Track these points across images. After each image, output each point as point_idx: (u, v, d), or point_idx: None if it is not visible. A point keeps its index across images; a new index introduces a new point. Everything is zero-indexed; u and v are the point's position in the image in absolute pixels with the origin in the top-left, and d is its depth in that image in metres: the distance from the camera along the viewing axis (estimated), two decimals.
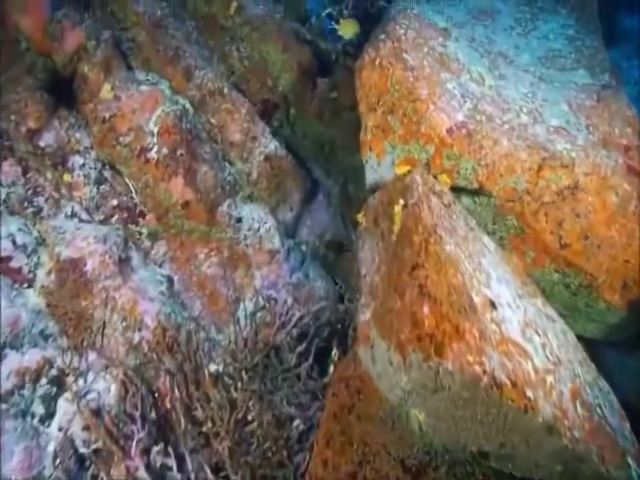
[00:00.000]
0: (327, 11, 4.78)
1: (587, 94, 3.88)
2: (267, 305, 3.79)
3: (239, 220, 3.94)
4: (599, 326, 3.40)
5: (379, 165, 3.34)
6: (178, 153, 3.55)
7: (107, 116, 3.52)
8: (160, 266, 3.64)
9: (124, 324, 3.10)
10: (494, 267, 3.10)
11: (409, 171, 3.33)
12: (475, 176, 3.19)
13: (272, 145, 4.15)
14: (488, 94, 3.61)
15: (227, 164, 4.00)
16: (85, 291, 3.10)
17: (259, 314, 3.75)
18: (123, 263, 3.29)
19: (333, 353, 3.62)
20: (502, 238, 3.61)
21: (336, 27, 4.62)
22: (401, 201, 2.73)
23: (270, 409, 3.01)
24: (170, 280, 3.57)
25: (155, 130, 3.56)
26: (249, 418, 3.03)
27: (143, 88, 3.67)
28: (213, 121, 4.02)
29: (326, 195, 4.89)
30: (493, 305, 2.61)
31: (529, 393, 2.11)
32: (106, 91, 3.52)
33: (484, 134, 3.25)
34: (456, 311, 2.33)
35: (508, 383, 2.11)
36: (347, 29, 4.73)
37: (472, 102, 3.44)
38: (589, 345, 3.05)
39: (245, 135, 4.06)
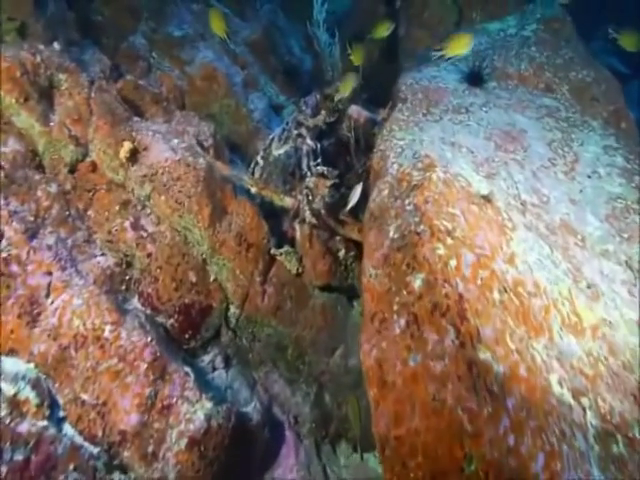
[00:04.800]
0: (281, 150, 2.82)
1: None
2: None
3: None
4: None
5: None
6: None
7: None
8: None
9: None
10: None
11: None
12: None
13: (200, 413, 2.16)
14: (600, 360, 1.80)
15: (118, 477, 1.97)
16: None
17: None
18: None
19: None
20: None
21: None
22: None
23: None
24: None
25: None
26: None
27: None
28: (85, 397, 1.98)
29: (293, 424, 2.95)
30: None
31: None
32: None
33: None
34: None
35: None
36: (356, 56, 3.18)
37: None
38: None
39: (147, 413, 2.06)
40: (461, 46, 2.69)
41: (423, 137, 2.75)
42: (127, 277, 2.42)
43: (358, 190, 2.52)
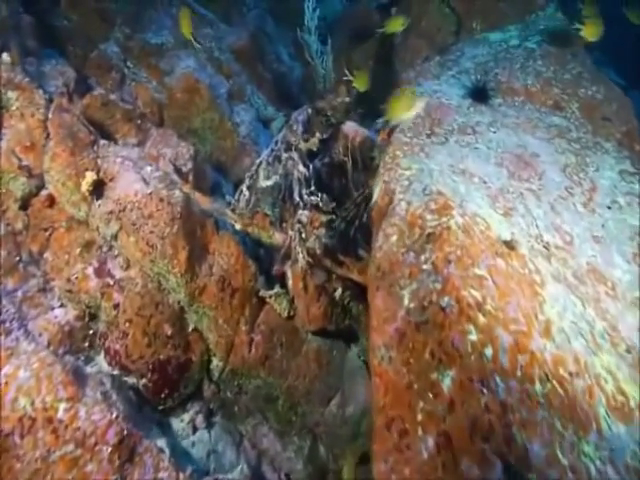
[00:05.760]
0: (270, 182, 2.46)
1: None
2: None
3: None
4: None
5: None
6: None
7: None
8: None
9: None
10: None
11: None
12: None
13: None
14: None
15: None
16: None
17: None
18: None
19: None
20: None
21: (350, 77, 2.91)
22: None
23: None
24: None
25: None
26: None
27: None
28: None
29: None
30: None
31: None
32: None
33: None
34: None
35: None
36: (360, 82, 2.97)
37: None
38: None
39: None
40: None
41: (431, 166, 2.41)
42: (91, 332, 2.03)
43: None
